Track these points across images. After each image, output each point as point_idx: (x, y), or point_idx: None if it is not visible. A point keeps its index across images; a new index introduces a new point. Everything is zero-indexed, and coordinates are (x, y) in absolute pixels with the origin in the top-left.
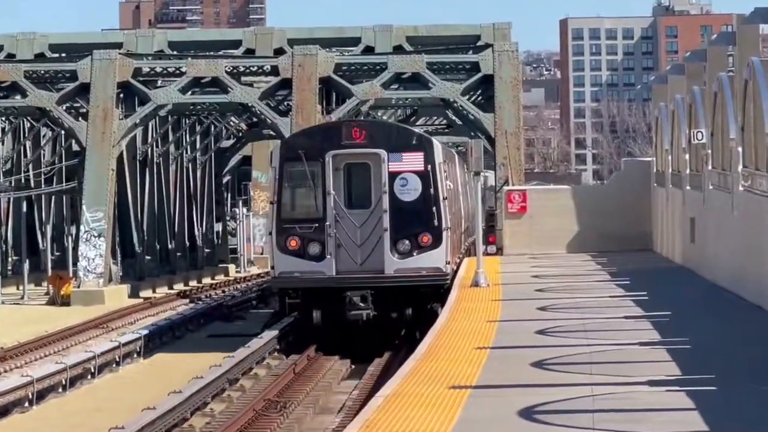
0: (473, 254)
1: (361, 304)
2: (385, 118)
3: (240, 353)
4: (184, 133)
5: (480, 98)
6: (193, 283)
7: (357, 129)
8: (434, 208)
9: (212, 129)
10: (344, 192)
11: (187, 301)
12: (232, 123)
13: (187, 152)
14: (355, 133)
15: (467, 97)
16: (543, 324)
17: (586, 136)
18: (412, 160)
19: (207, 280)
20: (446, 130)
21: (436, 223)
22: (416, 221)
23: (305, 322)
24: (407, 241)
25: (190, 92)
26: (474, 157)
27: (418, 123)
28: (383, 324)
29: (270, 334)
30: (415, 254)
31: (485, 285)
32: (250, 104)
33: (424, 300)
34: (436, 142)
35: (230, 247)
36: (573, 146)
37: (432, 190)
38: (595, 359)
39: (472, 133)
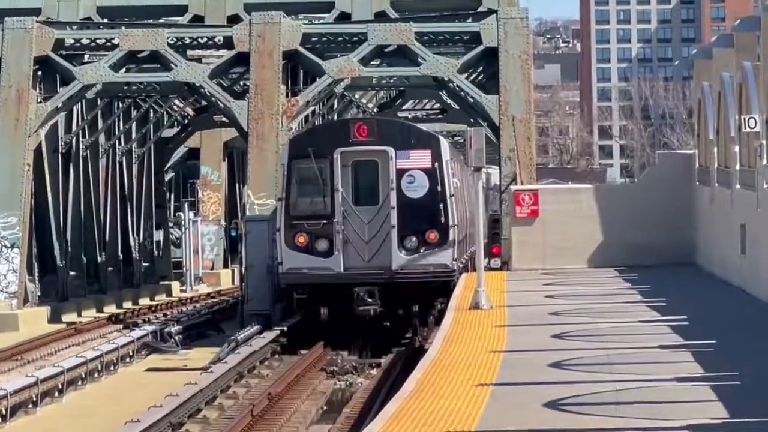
0: (473, 268)
1: (369, 300)
2: (364, 101)
3: (185, 392)
4: (116, 120)
5: (481, 77)
6: (127, 305)
7: (365, 126)
8: (441, 205)
9: (151, 115)
10: (352, 189)
11: (121, 326)
12: (175, 107)
13: (120, 144)
14: (363, 130)
15: (466, 75)
16: (558, 355)
17: (612, 124)
18: (420, 158)
19: (145, 302)
20: (440, 116)
21: (443, 220)
22: (423, 218)
23: (312, 318)
24: (414, 238)
25: (123, 69)
26: (474, 149)
27: (404, 107)
28: (390, 320)
29: (222, 369)
30: (422, 251)
31: (487, 307)
32: (197, 84)
33: (431, 296)
34: (444, 140)
35: (174, 260)
36: (596, 136)
37: (439, 187)
38: (622, 398)
39: (472, 120)
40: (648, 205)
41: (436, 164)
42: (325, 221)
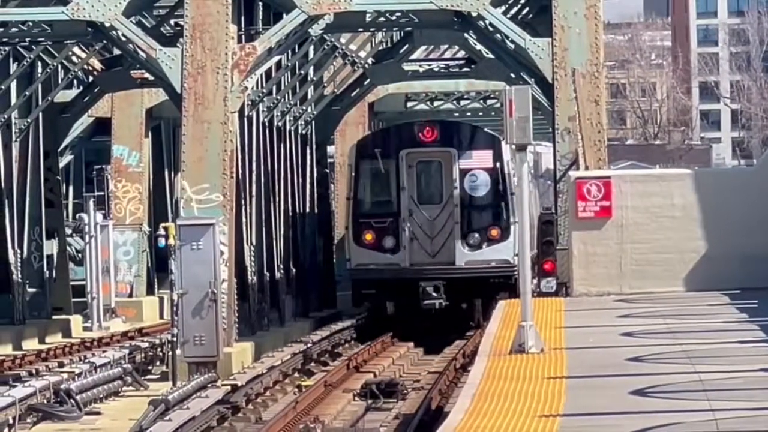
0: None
1: (434, 294)
2: (353, 48)
3: None
4: None
5: (527, 11)
6: (5, 351)
7: (429, 128)
8: (502, 203)
9: (39, 70)
10: (417, 188)
11: None
12: (75, 60)
13: None
14: (428, 132)
15: (503, 9)
16: (641, 421)
17: (719, 79)
18: (482, 158)
19: (32, 345)
20: (465, 70)
21: (504, 217)
22: (485, 215)
23: (379, 312)
24: (477, 234)
25: None
26: (516, 117)
27: (413, 58)
28: (454, 314)
29: None
30: (484, 246)
31: (536, 350)
32: (107, 24)
33: (493, 291)
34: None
35: (74, 283)
36: (696, 97)
37: (500, 186)
38: None
39: (513, 75)
40: None
41: (497, 164)
42: (391, 219)
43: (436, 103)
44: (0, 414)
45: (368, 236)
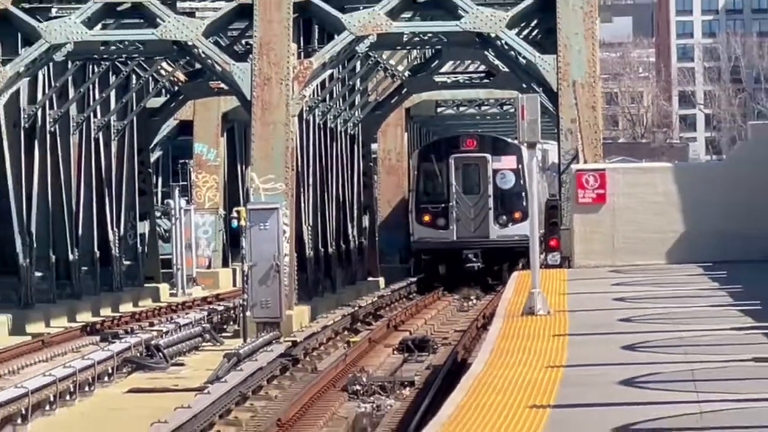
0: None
1: (474, 259)
2: (392, 63)
3: (176, 418)
4: (91, 87)
5: (536, 33)
6: (106, 313)
7: (471, 140)
8: (523, 194)
9: (133, 81)
10: (462, 183)
11: (98, 338)
12: (163, 72)
13: (96, 116)
14: (470, 142)
15: (517, 31)
16: (630, 371)
17: (695, 89)
18: (508, 161)
19: (127, 308)
20: (485, 81)
21: (524, 204)
22: (511, 203)
23: (433, 272)
24: (505, 216)
25: (99, 26)
26: (527, 120)
27: (442, 71)
28: (488, 274)
29: (220, 389)
30: (510, 225)
31: (544, 312)
32: (190, 43)
33: (516, 257)
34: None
35: (162, 258)
36: (676, 104)
37: (521, 182)
38: (708, 423)
39: (524, 85)
40: (740, 187)
41: (519, 165)
42: (443, 205)
43: (461, 109)
44: (100, 365)
45: (426, 217)
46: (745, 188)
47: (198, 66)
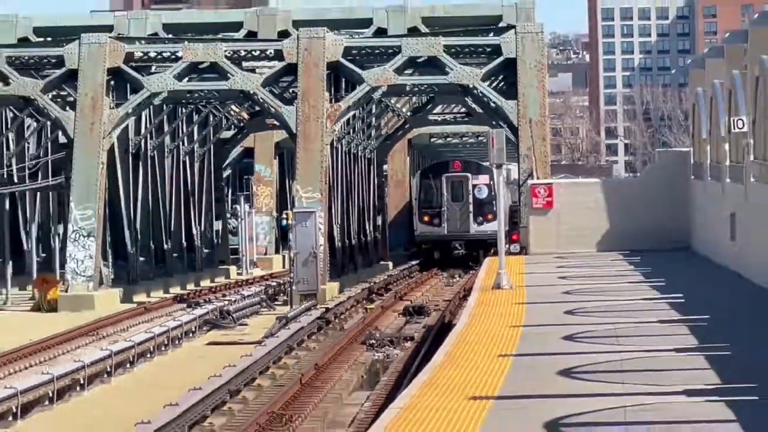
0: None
1: (459, 248)
2: (398, 106)
3: (242, 363)
4: (180, 123)
5: (502, 84)
6: (190, 287)
7: (457, 163)
8: (493, 201)
9: (211, 119)
10: (451, 193)
11: (185, 305)
12: (232, 112)
13: (183, 144)
14: (457, 165)
15: (488, 83)
16: (570, 329)
17: (617, 125)
18: (483, 179)
19: (206, 283)
20: (465, 119)
21: (494, 208)
22: (485, 208)
23: (430, 257)
24: (481, 217)
25: (186, 79)
26: (495, 148)
27: (434, 111)
28: (469, 258)
29: (273, 342)
30: (484, 224)
31: (508, 287)
32: (251, 91)
33: (489, 247)
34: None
35: (231, 247)
36: (603, 136)
37: (493, 193)
38: (626, 367)
39: (494, 122)
40: (649, 197)
41: (491, 181)
42: (438, 209)
43: (448, 139)
44: (187, 325)
45: (426, 218)
46: (652, 198)
47: (257, 108)
